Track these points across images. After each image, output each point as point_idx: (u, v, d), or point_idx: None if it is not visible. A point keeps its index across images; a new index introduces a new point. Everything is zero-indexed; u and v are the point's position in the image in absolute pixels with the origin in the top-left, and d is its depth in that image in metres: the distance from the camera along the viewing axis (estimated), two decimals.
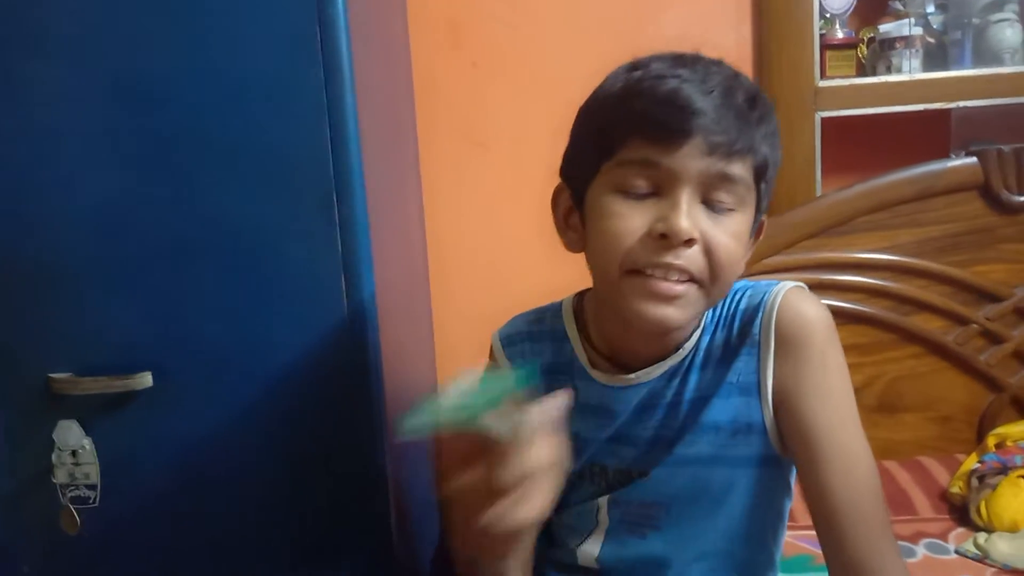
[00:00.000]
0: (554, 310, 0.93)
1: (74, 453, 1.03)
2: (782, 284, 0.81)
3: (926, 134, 1.64)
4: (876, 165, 1.51)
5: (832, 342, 0.78)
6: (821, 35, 1.58)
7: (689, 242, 0.71)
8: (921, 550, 1.23)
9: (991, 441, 1.39)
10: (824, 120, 1.56)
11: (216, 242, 0.99)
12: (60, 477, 1.03)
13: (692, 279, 0.73)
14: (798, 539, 1.19)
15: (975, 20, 1.60)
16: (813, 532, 0.79)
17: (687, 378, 0.82)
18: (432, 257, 1.62)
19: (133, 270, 1.00)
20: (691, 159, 0.71)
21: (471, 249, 1.64)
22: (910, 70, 1.57)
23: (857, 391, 1.41)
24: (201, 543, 1.06)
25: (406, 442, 0.63)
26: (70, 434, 1.02)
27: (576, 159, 0.81)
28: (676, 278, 0.72)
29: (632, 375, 0.83)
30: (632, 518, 0.85)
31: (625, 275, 0.74)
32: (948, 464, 1.42)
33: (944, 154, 1.60)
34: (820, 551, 0.79)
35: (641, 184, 0.73)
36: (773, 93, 1.54)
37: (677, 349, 0.82)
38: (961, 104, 1.55)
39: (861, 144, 1.64)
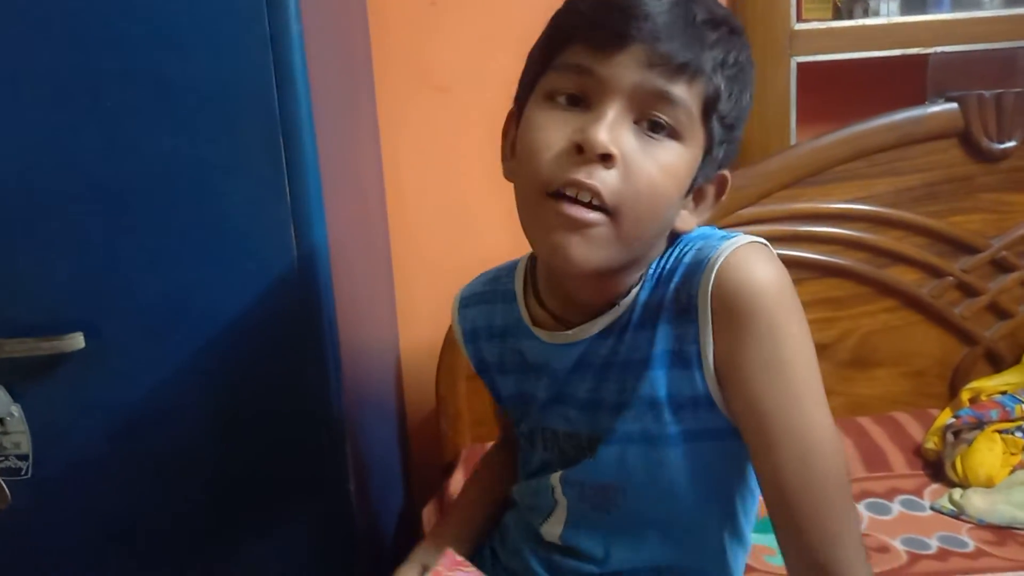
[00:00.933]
0: (510, 268, 0.87)
1: (2, 421, 0.95)
2: (732, 240, 0.69)
3: (902, 80, 1.59)
4: (851, 113, 1.46)
5: (785, 309, 0.67)
6: None
7: (606, 158, 0.64)
8: (896, 507, 1.21)
9: (965, 396, 1.37)
10: (799, 66, 1.50)
11: (152, 187, 0.91)
12: None
13: (603, 206, 0.65)
14: None
15: None
16: None
17: (623, 336, 0.74)
18: (391, 204, 1.54)
19: (61, 219, 0.91)
20: (626, 68, 0.64)
21: (433, 196, 1.56)
22: (888, 13, 1.51)
23: (830, 346, 1.43)
24: (141, 512, 1.00)
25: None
26: None
27: (524, 77, 0.74)
28: (587, 200, 0.64)
29: (570, 332, 0.76)
30: (591, 500, 0.78)
31: (540, 200, 0.67)
32: (922, 419, 1.40)
33: (919, 101, 1.55)
34: None
35: (571, 90, 0.67)
36: (748, 37, 1.47)
37: (614, 304, 0.74)
38: (939, 49, 1.50)
39: (836, 91, 1.59)
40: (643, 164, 0.65)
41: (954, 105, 1.37)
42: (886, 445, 1.34)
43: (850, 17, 1.55)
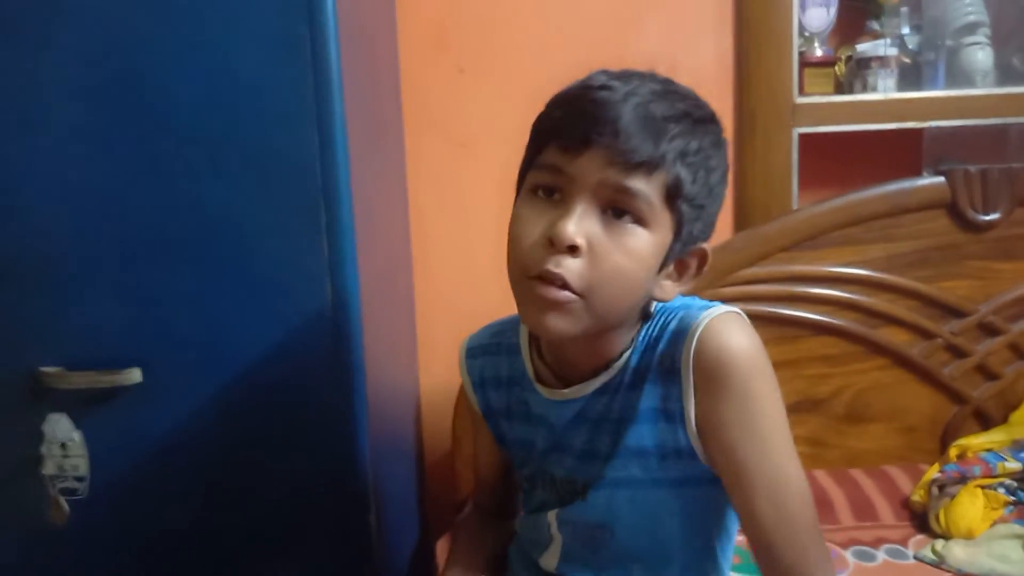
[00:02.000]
0: (513, 324, 0.95)
1: (63, 445, 1.05)
2: (709, 312, 0.78)
3: (900, 151, 1.69)
4: (851, 180, 1.55)
5: (756, 371, 0.76)
6: (800, 53, 1.62)
7: (573, 249, 0.71)
8: (881, 555, 1.27)
9: (953, 452, 1.43)
10: (801, 136, 1.60)
11: (204, 240, 1.02)
12: (49, 469, 1.06)
13: (572, 290, 0.72)
14: None
15: (948, 42, 1.65)
16: None
17: (615, 397, 0.82)
18: (416, 254, 1.65)
19: (122, 266, 1.03)
20: (590, 167, 0.71)
21: (454, 246, 1.66)
22: (885, 89, 1.61)
23: (826, 401, 1.52)
24: (186, 533, 1.10)
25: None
26: (59, 427, 1.04)
27: (520, 169, 0.83)
28: (560, 285, 0.72)
29: (568, 390, 0.85)
30: (582, 538, 0.88)
31: (521, 281, 0.75)
32: (912, 473, 1.47)
33: (916, 171, 1.65)
34: None
35: (548, 187, 0.75)
36: (752, 108, 1.59)
37: (608, 366, 0.82)
38: (933, 124, 1.59)
39: (837, 159, 1.68)
40: (608, 251, 0.72)
41: (941, 178, 1.46)
42: (876, 497, 1.41)
43: (850, 92, 1.65)
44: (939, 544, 1.27)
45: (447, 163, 1.63)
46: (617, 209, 0.73)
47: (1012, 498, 1.33)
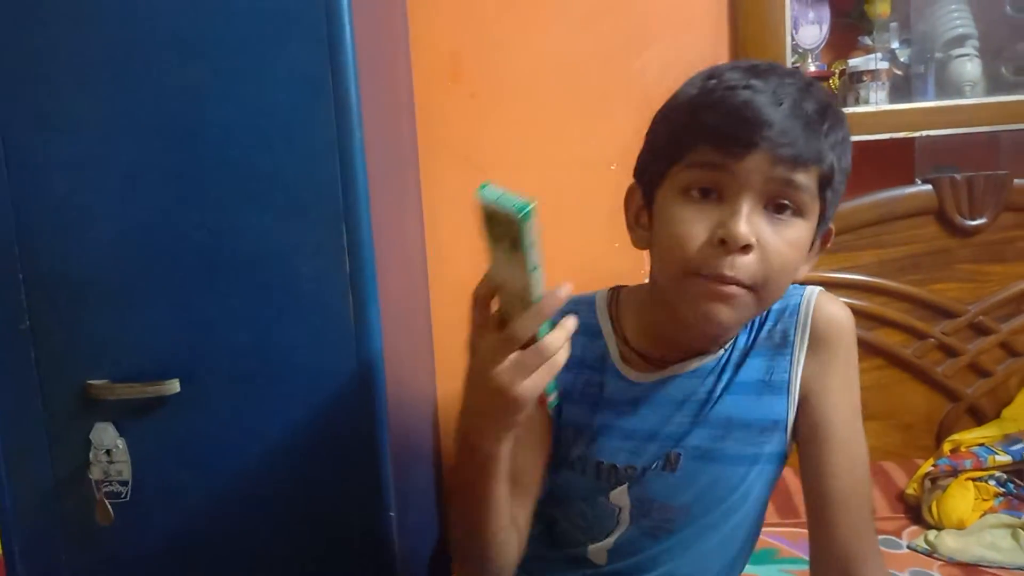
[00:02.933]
0: (587, 303, 0.94)
1: (108, 452, 1.14)
2: (811, 288, 0.86)
3: (893, 161, 1.75)
4: (847, 189, 1.62)
5: (855, 341, 0.86)
6: (795, 68, 1.69)
7: (746, 248, 0.73)
8: None
9: (947, 447, 1.50)
10: None
11: (239, 262, 1.10)
12: (95, 474, 1.14)
13: (743, 285, 0.75)
14: (764, 534, 1.29)
15: (938, 55, 1.71)
16: (778, 528, 0.86)
17: (721, 376, 0.86)
18: (432, 275, 1.73)
19: (165, 287, 1.11)
20: (756, 169, 0.73)
21: (468, 266, 1.73)
22: (877, 101, 1.68)
23: None
24: (221, 536, 1.17)
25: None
26: (105, 435, 1.13)
27: (648, 162, 0.84)
28: (731, 281, 0.75)
29: (666, 370, 0.87)
30: (652, 522, 0.88)
31: (686, 276, 0.77)
32: (907, 468, 1.53)
33: (909, 180, 1.71)
34: (783, 546, 0.86)
35: (706, 187, 0.76)
36: None
37: (719, 348, 0.87)
38: (924, 133, 1.66)
39: None
40: (775, 245, 0.75)
41: (929, 187, 1.53)
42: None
43: (844, 105, 1.72)
44: (931, 534, 1.33)
45: (461, 185, 1.70)
46: (778, 204, 0.76)
47: (1002, 489, 1.39)
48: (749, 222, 0.74)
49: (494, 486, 0.76)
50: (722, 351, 0.87)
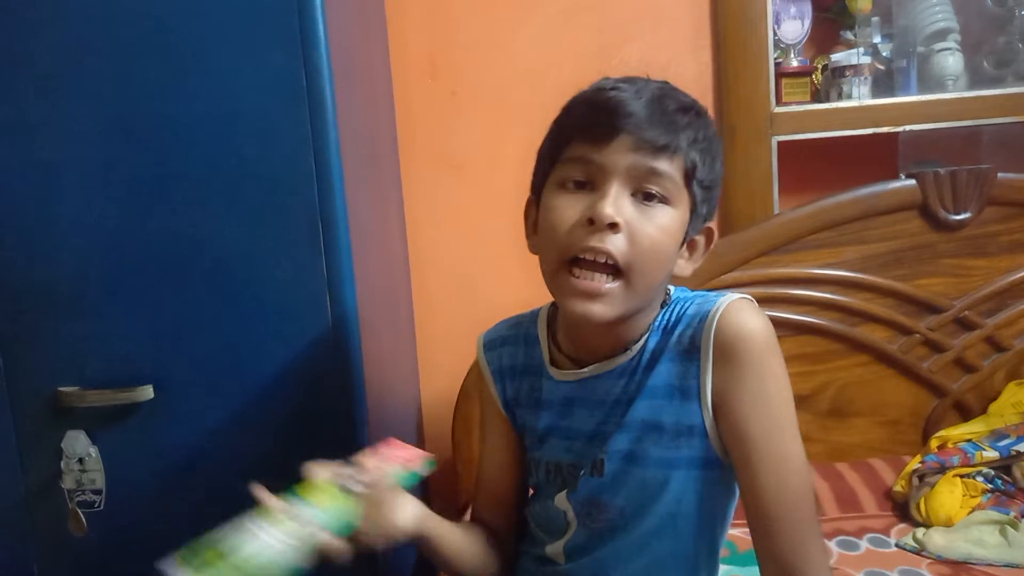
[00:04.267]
0: (532, 315, 1.01)
1: (81, 460, 1.12)
2: (727, 296, 0.85)
3: (876, 155, 1.75)
4: (831, 184, 1.61)
5: (770, 352, 0.82)
6: (777, 63, 1.68)
7: (613, 226, 0.78)
8: (864, 544, 1.33)
9: (934, 443, 1.49)
10: (780, 143, 1.66)
11: (210, 266, 1.08)
12: (68, 483, 1.12)
13: (617, 269, 0.79)
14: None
15: (920, 49, 1.71)
16: None
17: (634, 377, 0.88)
18: (414, 273, 1.72)
19: (135, 291, 1.09)
20: (619, 154, 0.79)
21: (450, 264, 1.73)
22: (860, 96, 1.67)
23: (810, 397, 1.58)
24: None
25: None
26: (77, 443, 1.11)
27: (537, 170, 0.90)
28: (604, 261, 0.79)
29: (584, 370, 0.90)
30: (596, 523, 0.91)
31: (560, 270, 0.81)
32: (894, 465, 1.52)
33: (893, 174, 1.71)
34: None
35: (578, 178, 0.82)
36: (731, 119, 1.65)
37: (626, 349, 0.88)
38: (908, 128, 1.66)
39: (816, 165, 1.75)
40: (643, 227, 0.80)
41: (912, 181, 1.52)
42: (859, 488, 1.47)
43: (827, 100, 1.72)
44: (920, 532, 1.32)
45: (442, 184, 1.71)
46: (646, 193, 0.80)
47: (990, 486, 1.39)
48: (615, 204, 0.79)
49: (437, 549, 0.94)
50: (633, 351, 0.88)
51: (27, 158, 1.06)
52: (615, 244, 0.79)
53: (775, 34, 1.67)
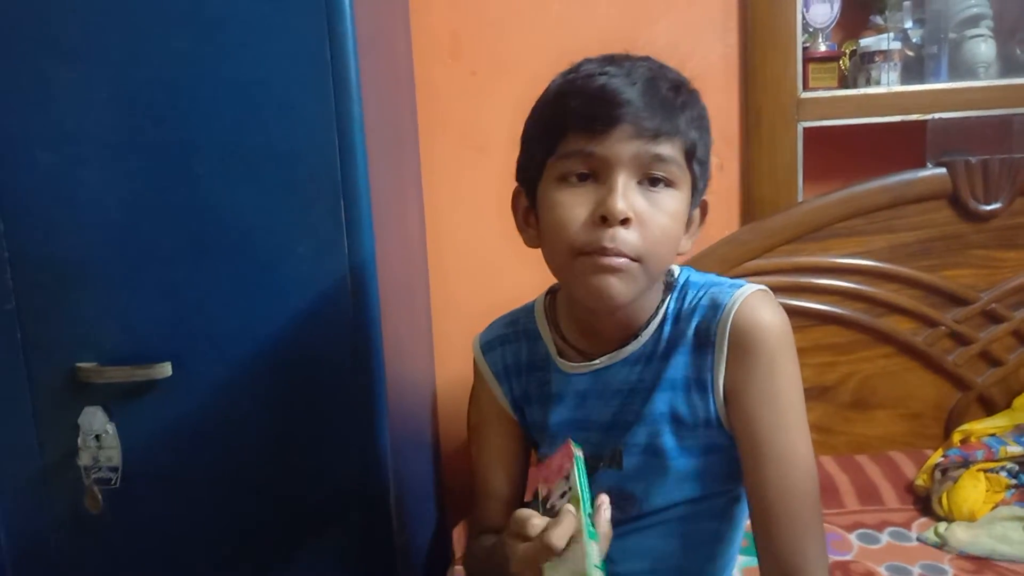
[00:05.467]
0: (527, 310, 1.00)
1: (98, 437, 1.11)
2: (744, 288, 0.85)
3: (904, 143, 1.72)
4: (856, 172, 1.59)
5: (784, 348, 0.82)
6: (804, 48, 1.65)
7: (625, 222, 0.77)
8: (885, 537, 1.31)
9: (956, 437, 1.47)
10: (806, 129, 1.63)
11: (231, 241, 1.07)
12: (84, 460, 1.11)
13: (630, 259, 0.78)
14: None
15: (951, 35, 1.67)
16: None
17: (649, 365, 0.87)
18: (431, 255, 1.70)
19: (155, 267, 1.07)
20: (622, 144, 0.77)
21: (468, 247, 1.71)
22: (888, 82, 1.64)
23: (832, 388, 1.55)
24: (214, 522, 1.14)
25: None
26: (95, 419, 1.10)
27: (527, 161, 0.88)
28: (615, 253, 0.78)
29: (596, 360, 0.89)
30: (619, 512, 0.88)
31: (573, 258, 0.80)
32: (916, 458, 1.50)
33: (920, 163, 1.68)
34: None
35: (581, 172, 0.80)
36: (757, 103, 1.63)
37: (638, 335, 0.87)
38: (936, 116, 1.62)
39: (842, 152, 1.72)
40: (654, 217, 0.79)
41: (943, 170, 1.49)
42: (880, 482, 1.45)
43: (854, 86, 1.69)
44: (941, 526, 1.31)
45: (461, 165, 1.68)
46: (652, 178, 0.79)
47: (1014, 481, 1.36)
48: (625, 197, 0.77)
49: None
50: (644, 337, 0.87)
51: (47, 129, 1.04)
52: (628, 240, 0.78)
53: (803, 17, 1.64)
